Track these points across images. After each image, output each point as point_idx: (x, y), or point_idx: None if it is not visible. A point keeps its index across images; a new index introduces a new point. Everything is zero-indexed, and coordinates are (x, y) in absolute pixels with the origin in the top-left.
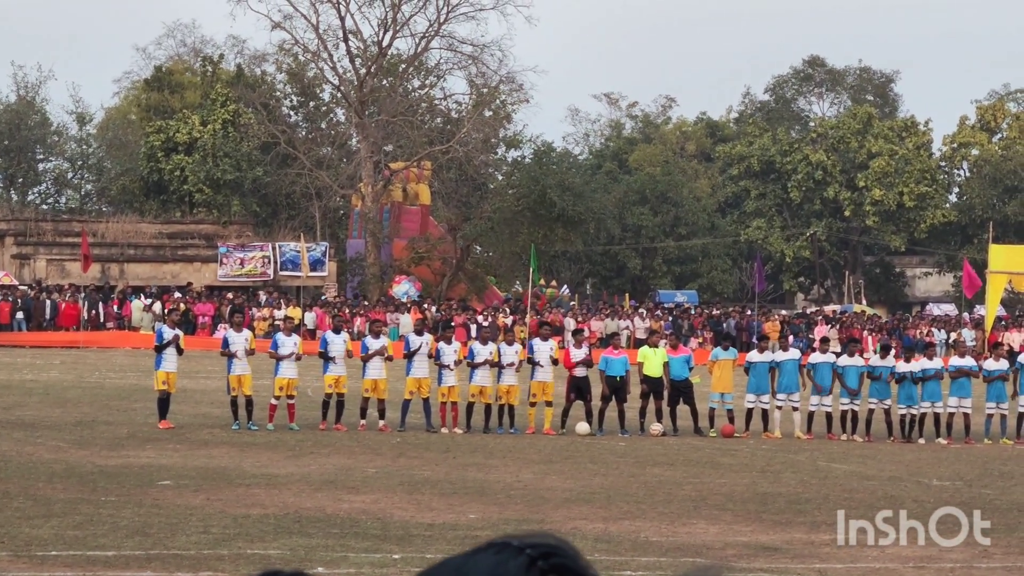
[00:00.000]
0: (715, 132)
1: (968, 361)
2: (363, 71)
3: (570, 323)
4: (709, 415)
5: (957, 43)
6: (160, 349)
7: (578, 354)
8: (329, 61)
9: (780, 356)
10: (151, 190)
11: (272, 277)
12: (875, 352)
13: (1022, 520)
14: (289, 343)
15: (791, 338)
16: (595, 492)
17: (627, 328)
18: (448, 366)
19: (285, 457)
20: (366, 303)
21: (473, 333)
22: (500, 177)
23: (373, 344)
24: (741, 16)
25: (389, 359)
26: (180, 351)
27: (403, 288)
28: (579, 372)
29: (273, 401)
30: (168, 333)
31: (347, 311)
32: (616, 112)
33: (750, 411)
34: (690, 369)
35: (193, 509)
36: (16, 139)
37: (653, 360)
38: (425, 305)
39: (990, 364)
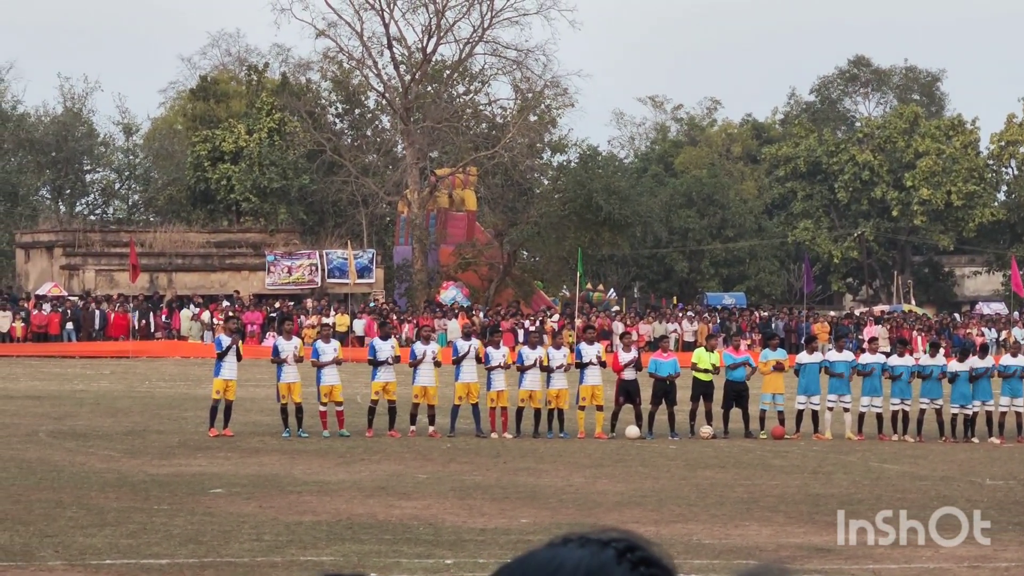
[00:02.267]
0: (761, 134)
1: (1020, 360)
2: (408, 77)
3: (618, 327)
4: (760, 417)
5: (1004, 41)
6: (221, 356)
7: (626, 357)
8: (374, 68)
9: (832, 356)
10: (198, 199)
11: (319, 285)
12: (925, 352)
13: None
14: (329, 350)
15: (845, 339)
16: (646, 495)
17: (675, 331)
18: (497, 367)
19: (336, 464)
20: (413, 306)
21: (520, 338)
22: (546, 182)
23: (422, 349)
24: (785, 17)
25: (437, 364)
26: (239, 357)
27: (450, 294)
28: (628, 375)
29: (322, 408)
30: (226, 340)
31: (395, 317)
32: (661, 115)
33: (800, 412)
34: (747, 367)
35: (245, 517)
36: (64, 150)
37: (707, 363)
38: (473, 310)
39: None
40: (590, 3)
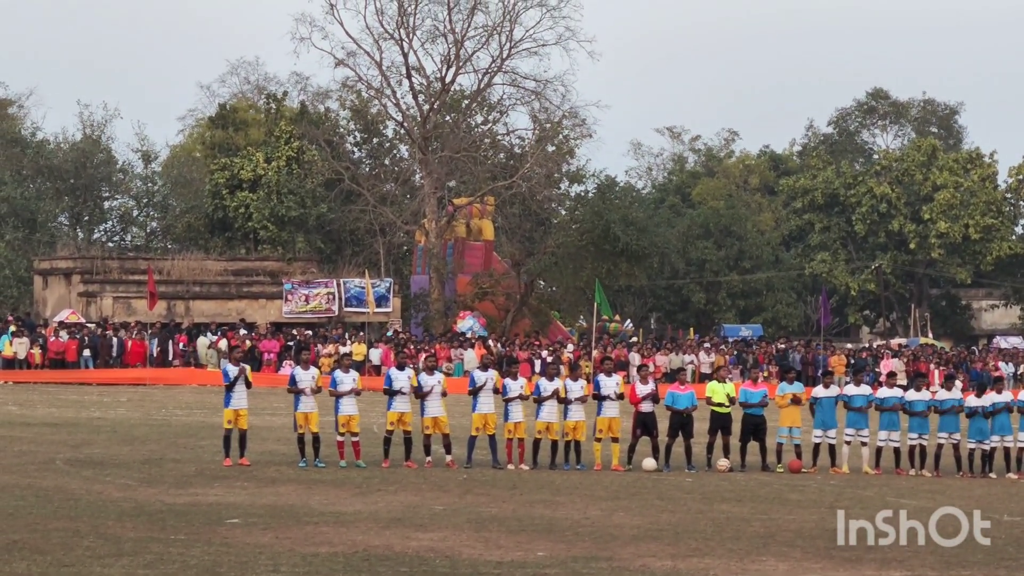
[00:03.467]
0: (778, 165)
1: None
2: (426, 107)
3: (635, 358)
4: (776, 450)
5: (1022, 74)
6: (230, 387)
7: (644, 389)
8: (392, 97)
9: (850, 390)
10: (216, 227)
11: (337, 313)
12: (941, 386)
13: None
14: (347, 379)
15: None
16: (663, 529)
17: (692, 362)
18: (515, 398)
19: (352, 494)
20: (430, 336)
21: (537, 368)
22: (563, 212)
23: (428, 381)
24: (803, 49)
25: (444, 394)
26: (249, 385)
27: (467, 324)
28: (645, 407)
29: (339, 438)
30: (233, 370)
31: (412, 347)
32: (679, 146)
33: (817, 446)
34: (764, 405)
35: (262, 547)
36: (82, 177)
37: (721, 395)
38: (490, 340)
39: None
40: (609, 34)
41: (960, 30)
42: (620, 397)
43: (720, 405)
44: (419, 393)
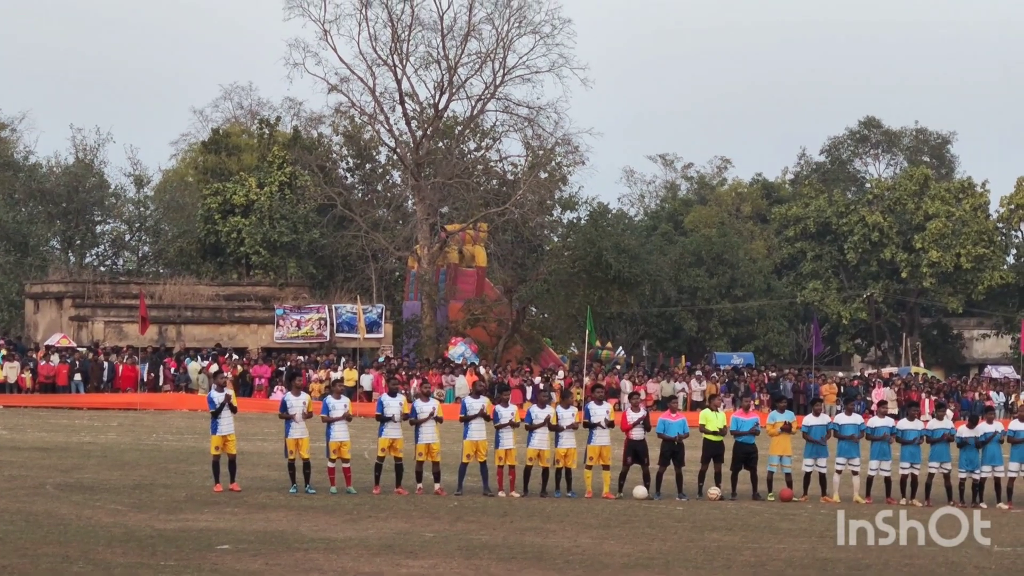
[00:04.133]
0: (771, 193)
1: None
2: (419, 133)
3: (626, 385)
4: (767, 479)
5: (1014, 104)
6: (216, 414)
7: (635, 417)
8: (385, 123)
9: (841, 420)
10: (208, 252)
11: (328, 339)
12: (932, 415)
13: None
14: (339, 405)
15: (855, 402)
16: (654, 557)
17: (683, 390)
18: (506, 426)
19: (343, 521)
20: (424, 362)
21: (529, 395)
22: (556, 239)
23: (423, 407)
24: (796, 78)
25: (439, 420)
26: (234, 409)
27: (459, 350)
28: (636, 435)
29: (330, 464)
30: (218, 397)
31: (404, 373)
32: (671, 173)
33: (808, 475)
34: (755, 434)
35: (252, 574)
36: (74, 201)
37: (715, 423)
38: (481, 367)
39: None
40: (602, 61)
41: (953, 60)
42: (611, 425)
43: (713, 434)
44: (413, 420)
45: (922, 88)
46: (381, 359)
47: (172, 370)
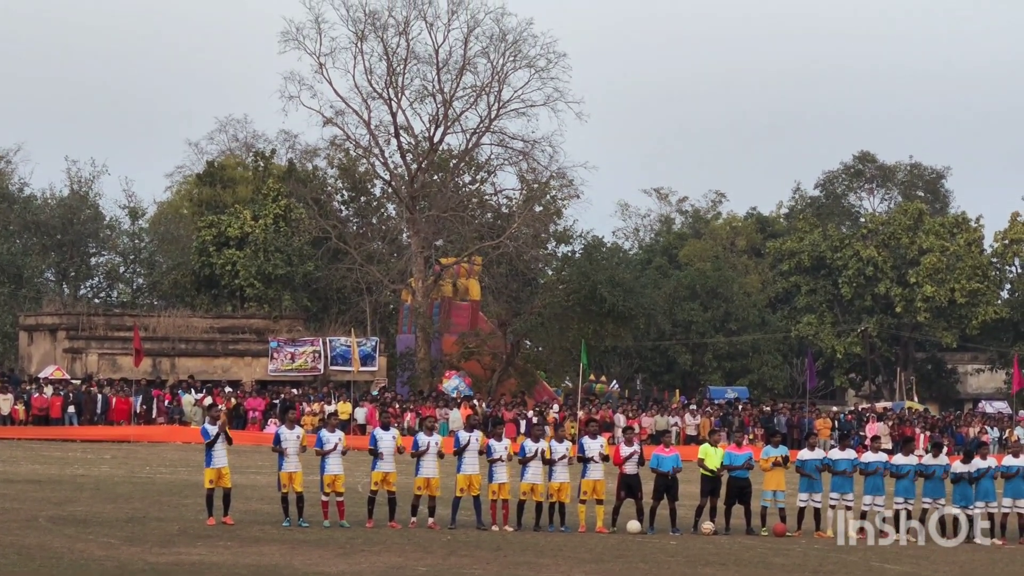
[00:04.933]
0: (765, 227)
1: (1021, 460)
2: (414, 166)
3: (620, 419)
4: (761, 513)
5: (1008, 139)
6: (210, 446)
7: (628, 451)
8: (380, 156)
9: (835, 455)
10: (202, 284)
11: (322, 372)
12: (927, 451)
13: None
14: (333, 439)
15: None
16: None
17: (677, 424)
18: (499, 460)
19: (336, 555)
20: (417, 395)
21: (523, 429)
22: (550, 272)
23: (426, 441)
24: (791, 112)
25: (440, 456)
26: (230, 441)
27: (453, 383)
28: (629, 469)
29: (323, 498)
30: (212, 430)
31: (397, 407)
32: (666, 207)
33: (802, 510)
34: (749, 468)
35: None
36: (69, 233)
37: (714, 458)
38: (475, 400)
39: None
40: (597, 95)
41: (947, 95)
42: (605, 459)
43: (711, 471)
44: (415, 452)
45: (916, 123)
46: (375, 392)
47: (166, 403)
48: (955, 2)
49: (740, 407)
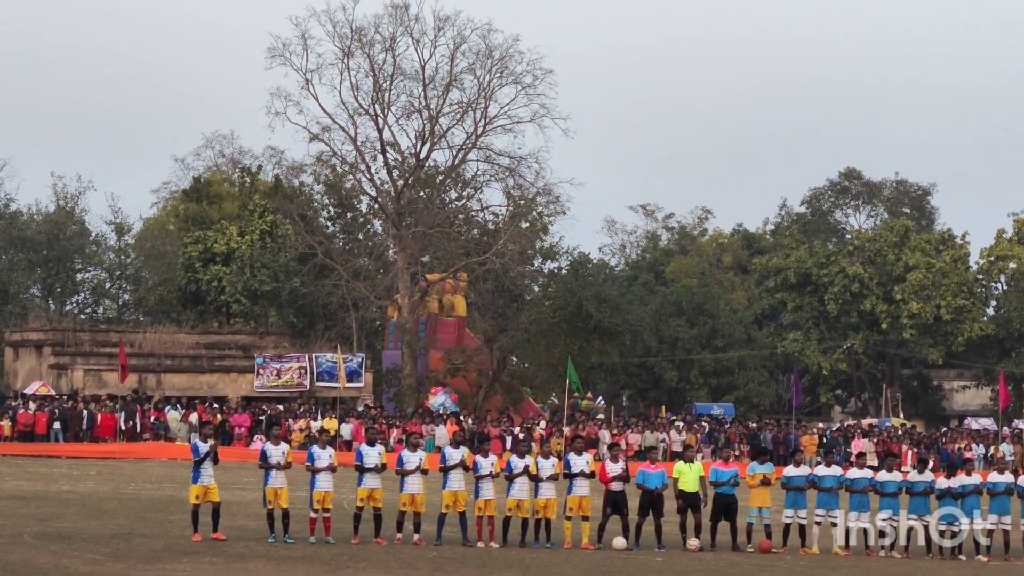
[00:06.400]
0: (751, 244)
1: (1007, 477)
2: (400, 183)
3: (605, 435)
4: (747, 530)
5: (994, 156)
6: (199, 463)
7: (614, 468)
8: (367, 173)
9: (821, 471)
10: (188, 300)
11: (308, 388)
12: (913, 467)
13: None
14: (325, 456)
15: (834, 453)
16: None
17: (663, 441)
18: (486, 477)
19: (322, 571)
20: (403, 411)
21: (508, 445)
22: (536, 288)
23: (410, 458)
24: (777, 129)
25: (424, 472)
26: (216, 461)
27: (439, 400)
28: (615, 486)
29: (312, 515)
30: (203, 447)
31: (383, 423)
32: (652, 223)
33: (788, 526)
34: (735, 485)
35: None
36: (55, 249)
37: (689, 475)
38: (461, 417)
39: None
40: (583, 112)
41: (933, 112)
42: (590, 475)
43: (688, 486)
44: (400, 470)
45: (902, 140)
46: (360, 408)
47: (151, 419)
48: (941, 21)
49: (727, 423)
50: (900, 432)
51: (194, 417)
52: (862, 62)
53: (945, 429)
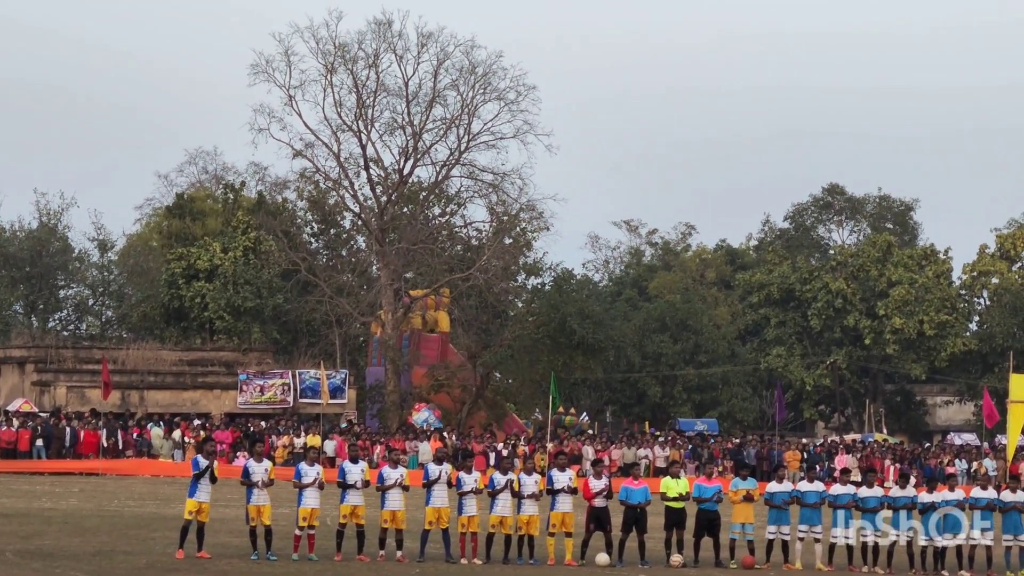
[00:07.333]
0: (735, 260)
1: (989, 492)
2: (384, 199)
3: (588, 451)
4: (730, 546)
5: (976, 172)
6: (198, 477)
7: (597, 485)
8: (350, 189)
9: (804, 487)
10: (172, 317)
11: (292, 404)
12: (895, 483)
13: None
14: (312, 472)
15: (817, 469)
16: None
17: (646, 457)
18: (469, 493)
19: None
20: (386, 428)
21: (492, 461)
22: (520, 304)
23: (391, 474)
24: (760, 144)
25: (405, 488)
26: (214, 479)
27: (423, 416)
28: (598, 502)
29: (297, 532)
30: (203, 462)
31: (367, 439)
32: (636, 239)
33: (771, 542)
34: (719, 501)
35: None
36: (38, 265)
37: (675, 490)
38: (445, 433)
39: (1007, 495)
40: (566, 127)
41: (916, 127)
42: (573, 492)
43: (675, 500)
44: (380, 486)
45: (885, 155)
46: (344, 425)
47: (134, 435)
48: (924, 35)
49: (710, 439)
50: (885, 448)
51: (177, 434)
52: (845, 77)
53: (928, 444)
